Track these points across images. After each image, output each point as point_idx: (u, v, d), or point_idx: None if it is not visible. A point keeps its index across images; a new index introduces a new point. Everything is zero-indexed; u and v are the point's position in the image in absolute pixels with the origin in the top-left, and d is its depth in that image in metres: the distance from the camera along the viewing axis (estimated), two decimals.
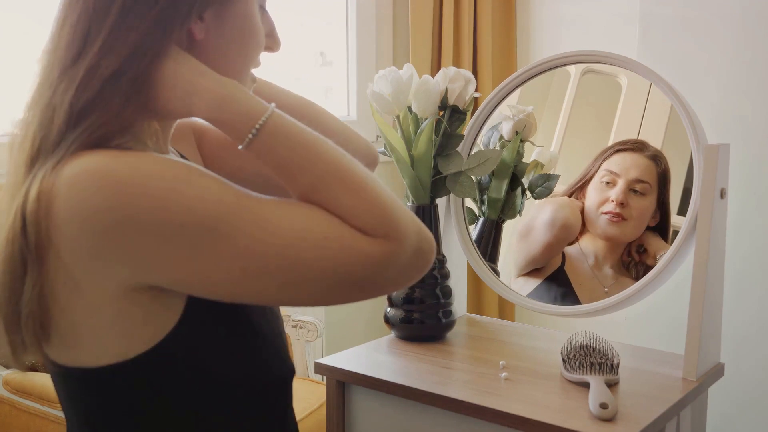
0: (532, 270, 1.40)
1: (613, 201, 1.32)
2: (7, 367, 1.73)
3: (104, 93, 0.69)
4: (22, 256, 0.67)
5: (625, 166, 1.32)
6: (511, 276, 1.43)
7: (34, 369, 1.75)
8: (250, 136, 0.71)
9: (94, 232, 0.65)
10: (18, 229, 0.66)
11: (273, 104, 0.73)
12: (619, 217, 1.31)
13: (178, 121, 0.88)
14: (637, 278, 1.29)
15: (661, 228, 1.31)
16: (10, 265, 0.68)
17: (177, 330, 0.73)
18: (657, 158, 1.31)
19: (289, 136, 0.71)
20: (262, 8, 0.82)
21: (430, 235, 0.73)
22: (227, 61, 0.77)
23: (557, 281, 1.37)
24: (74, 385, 0.76)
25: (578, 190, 1.37)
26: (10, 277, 0.68)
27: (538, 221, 1.39)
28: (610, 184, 1.33)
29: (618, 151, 1.34)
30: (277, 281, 0.68)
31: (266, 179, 0.81)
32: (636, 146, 1.33)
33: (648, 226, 1.32)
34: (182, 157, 0.88)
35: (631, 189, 1.31)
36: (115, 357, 0.72)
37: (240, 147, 0.72)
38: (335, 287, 0.69)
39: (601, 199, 1.33)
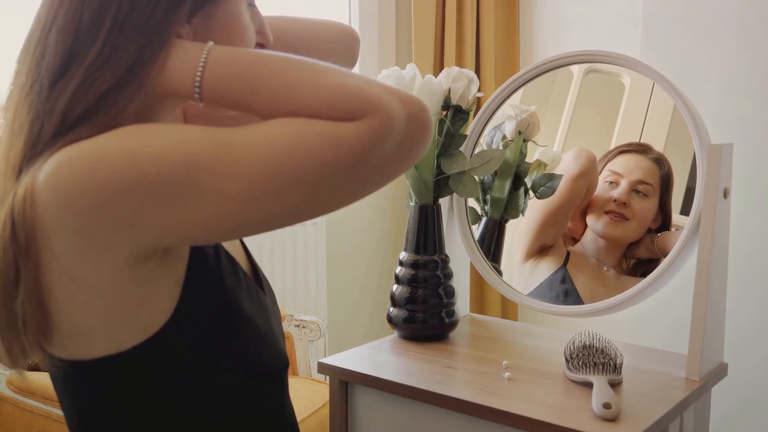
0: (538, 252, 1.39)
1: (615, 201, 1.32)
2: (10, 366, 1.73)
3: (101, 105, 0.68)
4: (14, 260, 0.67)
5: (629, 167, 1.32)
6: (518, 262, 1.42)
7: (36, 368, 1.75)
8: (197, 89, 0.69)
9: (78, 216, 0.64)
10: (8, 234, 0.66)
11: (210, 43, 0.70)
12: (620, 217, 1.32)
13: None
14: (639, 277, 1.29)
15: (662, 230, 1.31)
16: (3, 273, 0.68)
17: (171, 321, 0.73)
18: (660, 161, 1.32)
19: (231, 71, 0.69)
20: (251, 5, 0.80)
21: (416, 99, 0.68)
22: None
23: (559, 280, 1.37)
24: (71, 378, 0.77)
25: None
26: (3, 284, 0.68)
27: (560, 168, 1.37)
28: (613, 184, 1.33)
29: (622, 152, 1.35)
30: (272, 200, 0.65)
31: None
32: (640, 148, 1.34)
33: (649, 228, 1.32)
34: None
35: (633, 190, 1.32)
36: (112, 348, 0.72)
37: (200, 105, 0.70)
38: (332, 184, 0.65)
39: (603, 198, 1.33)
